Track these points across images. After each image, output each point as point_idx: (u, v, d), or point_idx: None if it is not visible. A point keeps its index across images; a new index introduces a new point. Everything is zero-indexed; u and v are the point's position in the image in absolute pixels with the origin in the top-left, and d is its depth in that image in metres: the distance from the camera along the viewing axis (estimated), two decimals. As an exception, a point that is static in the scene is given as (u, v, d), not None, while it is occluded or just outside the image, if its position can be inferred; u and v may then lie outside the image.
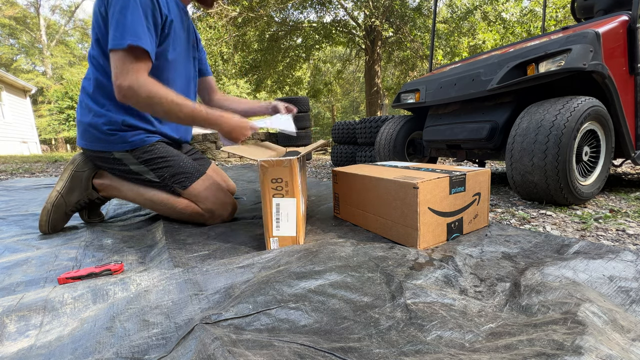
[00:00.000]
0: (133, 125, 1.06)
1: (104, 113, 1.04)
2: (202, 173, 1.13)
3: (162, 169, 1.09)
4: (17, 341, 0.50)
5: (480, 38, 7.84)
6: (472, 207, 0.95)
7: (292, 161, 0.79)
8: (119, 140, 1.05)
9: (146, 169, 1.09)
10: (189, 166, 1.12)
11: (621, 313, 0.51)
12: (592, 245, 0.80)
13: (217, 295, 0.61)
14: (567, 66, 1.25)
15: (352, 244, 0.83)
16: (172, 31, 1.03)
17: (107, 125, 1.04)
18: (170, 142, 1.19)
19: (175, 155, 1.12)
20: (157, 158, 1.09)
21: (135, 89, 0.90)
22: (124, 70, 0.89)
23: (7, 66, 21.62)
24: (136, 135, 1.06)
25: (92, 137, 1.06)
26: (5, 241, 1.00)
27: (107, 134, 1.04)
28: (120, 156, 1.07)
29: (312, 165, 4.17)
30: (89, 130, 1.06)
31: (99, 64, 1.02)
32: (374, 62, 9.20)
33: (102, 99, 1.04)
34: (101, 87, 1.03)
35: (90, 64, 1.05)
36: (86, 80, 1.07)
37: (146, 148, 1.08)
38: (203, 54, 1.35)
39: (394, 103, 2.20)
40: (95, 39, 1.00)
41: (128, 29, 0.88)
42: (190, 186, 1.09)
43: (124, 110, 1.05)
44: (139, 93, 0.91)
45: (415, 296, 0.58)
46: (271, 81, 10.33)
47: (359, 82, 17.05)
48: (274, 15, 8.89)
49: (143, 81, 0.91)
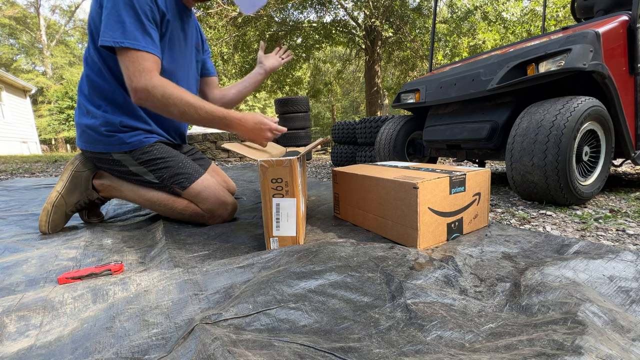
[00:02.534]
0: (131, 126, 1.05)
1: (101, 114, 1.03)
2: (201, 173, 1.12)
3: (161, 169, 1.08)
4: (17, 341, 0.50)
5: (480, 38, 7.84)
6: (472, 207, 0.95)
7: (292, 161, 0.79)
8: (118, 142, 1.04)
9: (145, 170, 1.08)
10: (188, 166, 1.11)
11: (621, 313, 0.51)
12: (592, 245, 0.80)
13: (217, 295, 0.61)
14: (567, 66, 1.25)
15: (352, 244, 0.83)
16: (168, 31, 1.01)
17: (105, 127, 1.03)
18: (169, 142, 1.19)
19: (175, 156, 1.11)
20: (156, 159, 1.08)
21: (150, 90, 0.89)
22: (136, 71, 0.88)
23: (7, 66, 21.62)
24: (134, 137, 1.06)
25: (91, 138, 1.05)
26: (5, 241, 1.00)
27: (105, 135, 1.04)
28: (119, 157, 1.07)
29: (312, 165, 4.17)
30: (87, 132, 1.05)
31: (94, 62, 1.01)
32: (374, 62, 9.20)
33: (97, 100, 1.03)
34: (95, 87, 1.03)
35: (85, 63, 1.05)
36: (82, 81, 1.07)
37: (145, 149, 1.07)
38: (208, 55, 1.34)
39: (394, 103, 2.20)
40: (91, 38, 0.99)
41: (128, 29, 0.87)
42: (190, 187, 1.09)
43: (121, 111, 1.04)
44: (154, 94, 0.89)
45: (415, 296, 0.58)
46: (271, 81, 10.33)
47: (359, 82, 17.04)
48: (274, 15, 8.89)
49: (157, 82, 0.90)
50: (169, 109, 0.92)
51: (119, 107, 1.04)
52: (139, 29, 0.89)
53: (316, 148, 1.15)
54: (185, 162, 1.12)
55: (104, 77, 1.01)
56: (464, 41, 8.13)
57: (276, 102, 4.47)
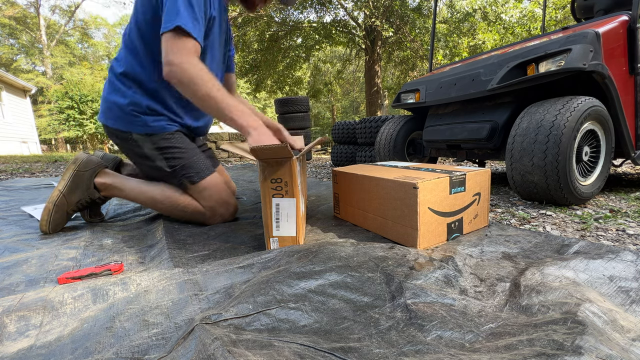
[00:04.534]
0: (157, 110, 1.07)
1: (131, 94, 1.05)
2: (212, 171, 1.14)
3: (175, 159, 1.09)
4: (17, 341, 0.50)
5: (480, 38, 7.84)
6: (472, 207, 0.95)
7: (292, 161, 0.79)
8: (141, 123, 1.06)
9: (160, 157, 1.09)
10: (201, 162, 1.12)
11: (621, 313, 0.51)
12: (592, 245, 0.80)
13: (217, 295, 0.61)
14: (567, 66, 1.25)
15: (352, 244, 0.83)
16: (213, 28, 1.04)
17: (132, 106, 1.05)
18: (188, 133, 1.20)
19: (191, 149, 1.13)
20: (173, 147, 1.09)
21: (186, 66, 0.89)
22: (178, 48, 0.89)
23: (7, 66, 21.63)
24: (158, 121, 1.08)
25: (115, 115, 1.07)
26: (5, 241, 1.00)
27: (130, 115, 1.06)
28: (138, 138, 1.08)
29: (312, 165, 4.17)
30: (113, 109, 1.07)
31: (134, 46, 1.03)
32: (374, 62, 9.20)
33: (129, 81, 1.06)
34: (130, 69, 1.05)
35: (123, 45, 1.07)
36: (116, 62, 1.09)
37: (165, 135, 1.09)
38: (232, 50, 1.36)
39: (394, 103, 2.20)
40: (134, 20, 1.01)
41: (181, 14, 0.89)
42: (199, 182, 1.10)
43: (150, 96, 1.06)
44: (188, 71, 0.89)
45: (415, 296, 0.58)
46: (271, 81, 10.33)
47: (359, 82, 17.04)
48: (274, 15, 8.89)
49: (195, 62, 0.91)
50: (195, 90, 0.91)
51: (149, 92, 1.06)
52: (191, 15, 0.91)
53: (316, 148, 1.14)
54: (199, 157, 1.13)
55: (141, 61, 1.04)
56: (464, 41, 8.14)
57: (276, 102, 4.47)
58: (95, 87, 16.15)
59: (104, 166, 1.16)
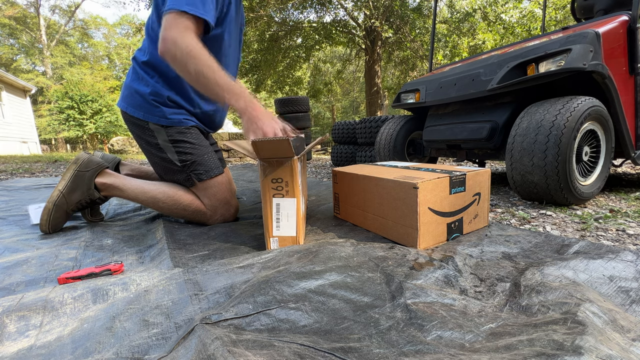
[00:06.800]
0: (177, 102, 1.08)
1: (153, 84, 1.06)
2: (220, 171, 1.15)
3: (187, 154, 1.10)
4: (17, 341, 0.50)
5: (480, 38, 7.85)
6: (472, 207, 0.95)
7: (292, 161, 0.79)
8: (159, 114, 1.07)
9: (172, 149, 1.10)
10: (211, 161, 1.13)
11: (621, 313, 0.51)
12: (592, 245, 0.80)
13: (217, 295, 0.61)
14: (567, 66, 1.25)
15: (352, 244, 0.83)
16: (229, 12, 1.04)
17: (153, 96, 1.06)
18: (204, 129, 1.21)
19: (204, 146, 1.13)
20: (187, 142, 1.10)
21: (179, 43, 0.87)
22: (174, 24, 0.88)
23: (7, 66, 21.63)
24: (176, 114, 1.08)
25: (136, 102, 1.08)
26: (5, 241, 1.00)
27: (150, 104, 1.07)
28: (154, 128, 1.09)
29: (312, 165, 4.17)
30: (134, 96, 1.08)
31: (156, 37, 1.01)
32: (374, 62, 9.20)
33: (151, 71, 1.07)
34: (153, 58, 1.05)
35: (147, 35, 1.07)
36: (140, 52, 1.10)
37: (181, 129, 1.09)
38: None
39: (394, 103, 2.20)
40: (155, 8, 1.01)
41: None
42: (206, 180, 1.11)
43: (171, 87, 1.07)
44: (180, 45, 0.86)
45: (415, 296, 0.58)
46: (271, 81, 10.33)
47: (359, 82, 17.05)
48: (274, 15, 8.88)
49: (190, 39, 0.88)
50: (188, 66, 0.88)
51: (170, 83, 1.07)
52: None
53: (316, 148, 1.14)
54: (211, 155, 1.14)
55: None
56: (464, 41, 8.14)
57: (276, 102, 4.47)
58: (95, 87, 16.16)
59: (105, 166, 1.16)
